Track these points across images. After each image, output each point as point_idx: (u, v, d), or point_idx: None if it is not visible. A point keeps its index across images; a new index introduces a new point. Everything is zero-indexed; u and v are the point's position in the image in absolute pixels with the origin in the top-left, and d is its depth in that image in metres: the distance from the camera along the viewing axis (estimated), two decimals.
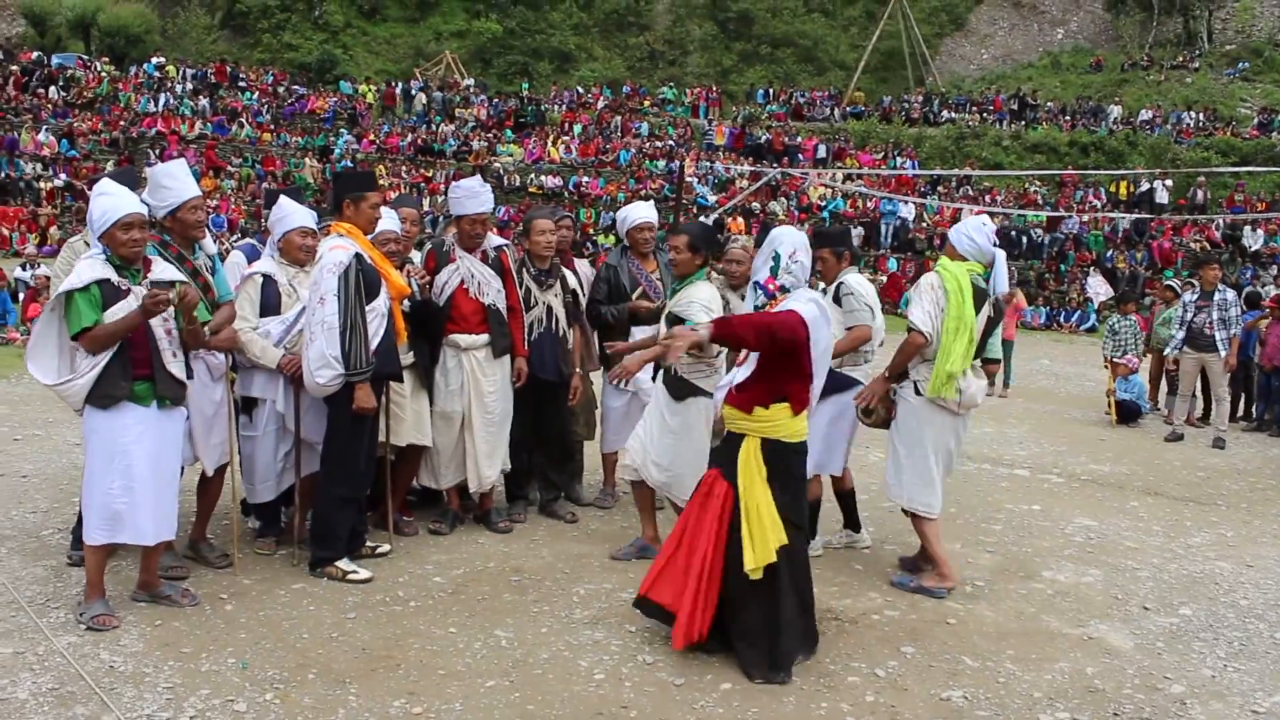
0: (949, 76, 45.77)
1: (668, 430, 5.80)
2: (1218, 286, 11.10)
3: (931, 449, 5.76)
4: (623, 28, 48.67)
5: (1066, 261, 28.26)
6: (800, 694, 4.46)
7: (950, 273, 5.63)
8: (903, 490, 5.80)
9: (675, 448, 5.79)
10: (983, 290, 5.66)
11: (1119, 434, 11.49)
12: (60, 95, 32.54)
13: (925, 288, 5.65)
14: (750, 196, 30.57)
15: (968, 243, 5.77)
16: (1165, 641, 5.25)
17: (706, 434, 5.79)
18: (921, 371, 5.66)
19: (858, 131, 36.92)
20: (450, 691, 4.32)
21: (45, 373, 4.77)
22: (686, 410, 5.78)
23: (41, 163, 28.18)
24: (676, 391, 5.79)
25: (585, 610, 5.29)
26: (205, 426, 5.38)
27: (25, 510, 6.52)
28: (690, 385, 5.76)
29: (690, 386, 5.76)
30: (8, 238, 24.95)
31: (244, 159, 30.85)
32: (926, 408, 5.68)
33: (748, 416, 4.69)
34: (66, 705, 4.05)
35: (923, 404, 5.68)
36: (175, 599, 5.05)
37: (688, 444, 5.79)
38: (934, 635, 5.16)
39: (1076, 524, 7.37)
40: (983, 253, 5.73)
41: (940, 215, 30.93)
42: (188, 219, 5.23)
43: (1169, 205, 29.85)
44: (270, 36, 44.67)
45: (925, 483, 5.73)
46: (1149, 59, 41.20)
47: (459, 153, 33.54)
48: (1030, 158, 33.73)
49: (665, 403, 5.83)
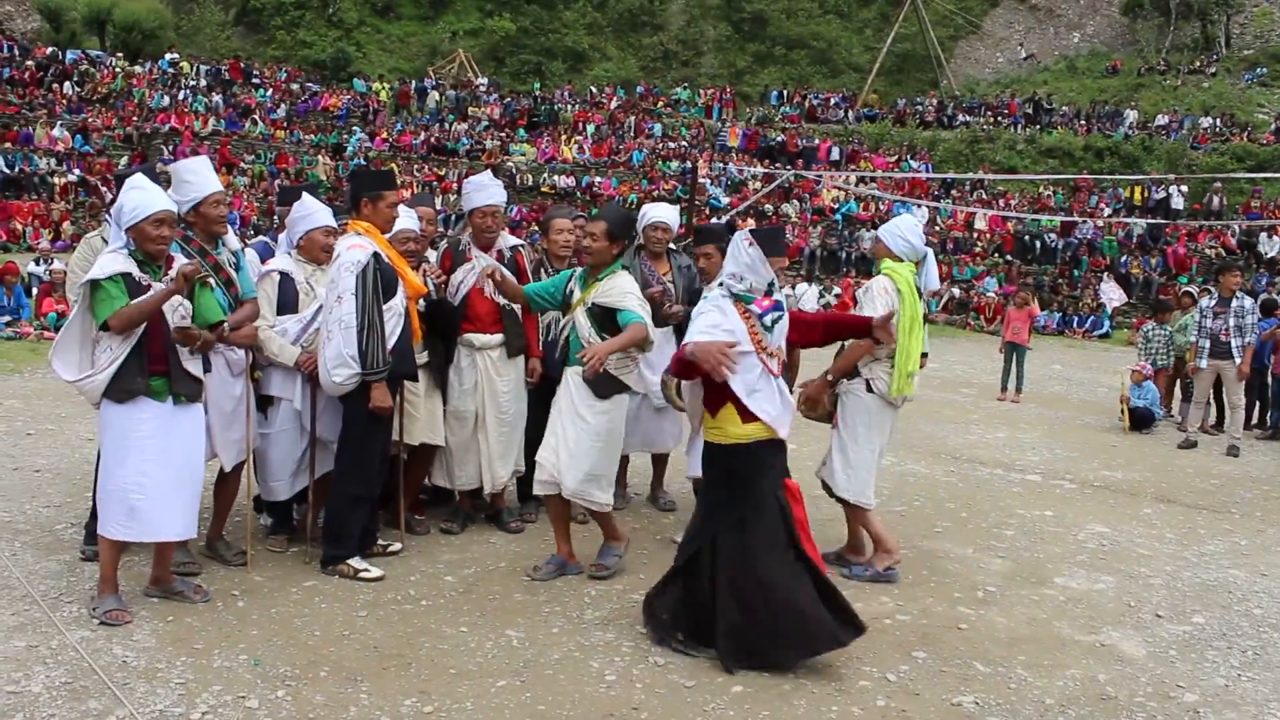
0: (964, 80, 45.65)
1: (589, 431, 5.45)
2: (1236, 293, 11.04)
3: (878, 444, 5.96)
4: (636, 28, 48.63)
5: (1080, 267, 28.16)
6: (811, 698, 4.45)
7: (900, 274, 5.79)
8: (850, 485, 5.89)
9: (597, 449, 5.49)
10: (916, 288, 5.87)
11: (1132, 440, 11.45)
12: (75, 90, 32.67)
13: (879, 291, 5.75)
14: (763, 198, 30.54)
15: (903, 243, 5.91)
16: (1178, 650, 5.22)
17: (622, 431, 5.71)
18: (875, 370, 5.80)
19: (871, 134, 36.86)
20: (461, 691, 4.32)
21: (67, 368, 4.81)
22: (612, 409, 5.54)
23: (55, 158, 28.29)
24: (602, 389, 5.47)
25: (597, 611, 5.29)
26: (224, 422, 5.40)
27: (39, 505, 6.54)
28: (617, 382, 5.53)
29: (617, 383, 5.53)
30: (21, 232, 25.06)
31: (257, 156, 30.90)
32: (876, 404, 5.85)
33: None
34: (80, 699, 4.06)
35: (874, 401, 5.83)
36: (188, 595, 5.07)
37: (610, 444, 5.58)
38: (945, 640, 5.15)
39: (1089, 530, 7.35)
40: (916, 251, 5.89)
41: (954, 219, 30.87)
42: (210, 213, 5.28)
43: (1184, 211, 29.71)
44: (284, 33, 44.76)
45: (870, 476, 5.92)
46: (1166, 63, 41.01)
47: (472, 151, 33.58)
48: (1044, 162, 33.64)
49: (584, 401, 5.48)
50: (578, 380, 5.47)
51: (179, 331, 4.82)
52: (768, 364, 4.79)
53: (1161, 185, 29.91)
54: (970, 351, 20.15)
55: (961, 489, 8.42)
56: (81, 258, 5.59)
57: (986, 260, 28.66)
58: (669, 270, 6.91)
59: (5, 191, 26.54)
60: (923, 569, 6.23)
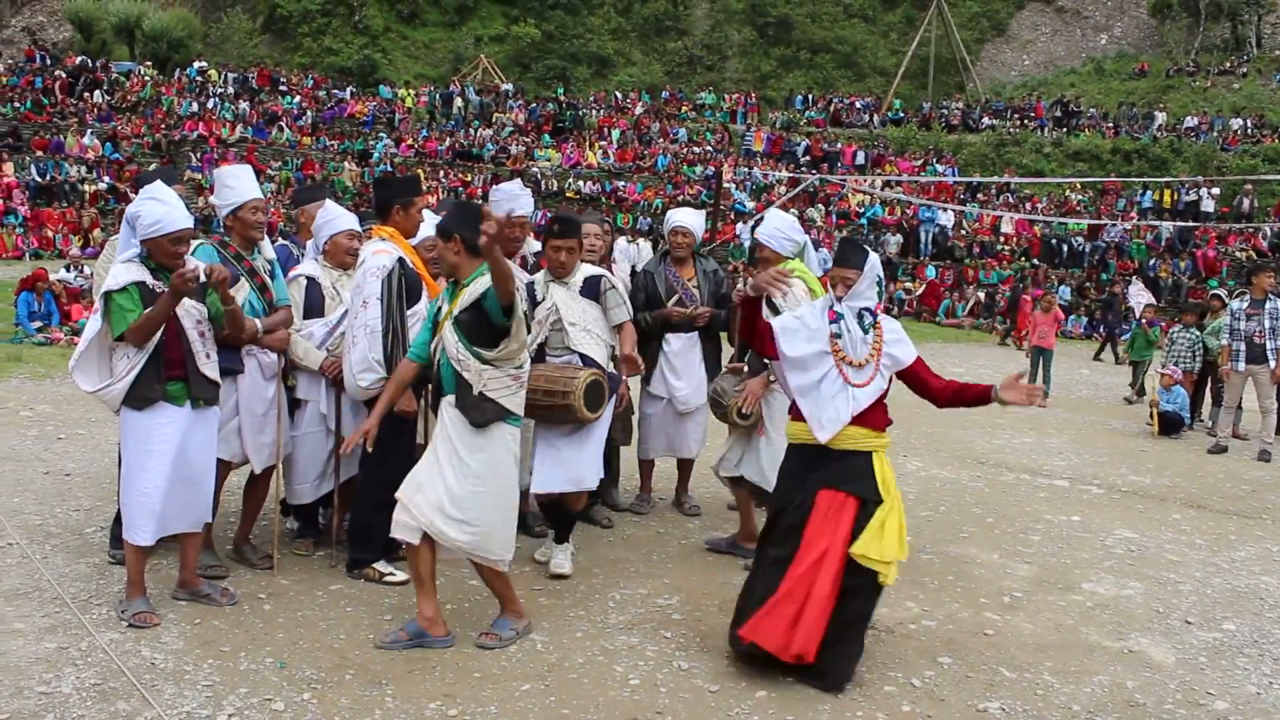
0: (989, 83, 45.44)
1: (468, 473, 4.61)
2: (1269, 295, 10.90)
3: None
4: (661, 32, 48.69)
5: (1108, 270, 27.96)
6: (835, 703, 4.43)
7: (808, 275, 5.96)
8: (769, 476, 5.85)
9: (481, 496, 4.63)
10: None
11: (1161, 445, 11.34)
12: (105, 99, 33.05)
13: (802, 296, 5.77)
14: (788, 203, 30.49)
15: (789, 242, 6.06)
16: (1208, 657, 5.17)
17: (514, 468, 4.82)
18: None
19: (897, 138, 36.75)
20: (486, 694, 4.33)
21: (87, 379, 4.87)
22: (489, 442, 4.65)
23: (86, 165, 28.62)
24: (477, 415, 4.62)
25: (621, 615, 5.29)
26: (255, 425, 5.44)
27: (69, 508, 6.61)
28: (496, 406, 4.64)
29: (495, 408, 4.64)
30: (52, 240, 25.36)
31: (283, 162, 31.17)
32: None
33: (879, 434, 4.72)
34: (109, 700, 4.10)
35: None
36: (214, 598, 5.11)
37: (498, 488, 4.69)
38: (971, 646, 5.12)
39: (1117, 536, 7.28)
40: (799, 245, 6.04)
41: (979, 222, 30.71)
42: (248, 219, 5.36)
43: (1214, 214, 29.43)
44: (311, 41, 45.12)
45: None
46: (1195, 65, 40.71)
47: (497, 157, 33.72)
48: (1072, 165, 33.44)
49: (460, 437, 4.63)
50: (452, 413, 4.66)
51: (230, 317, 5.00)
52: (844, 370, 4.65)
53: (1191, 188, 29.65)
54: (996, 356, 20.04)
55: (988, 494, 8.37)
56: (106, 260, 5.67)
57: (1013, 264, 28.50)
58: (694, 275, 6.91)
59: (37, 199, 26.92)
60: (949, 574, 6.20)
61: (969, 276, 27.80)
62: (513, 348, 4.65)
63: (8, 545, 5.80)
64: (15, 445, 8.13)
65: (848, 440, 4.64)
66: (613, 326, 5.98)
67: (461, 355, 4.61)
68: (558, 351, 5.85)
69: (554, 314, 5.85)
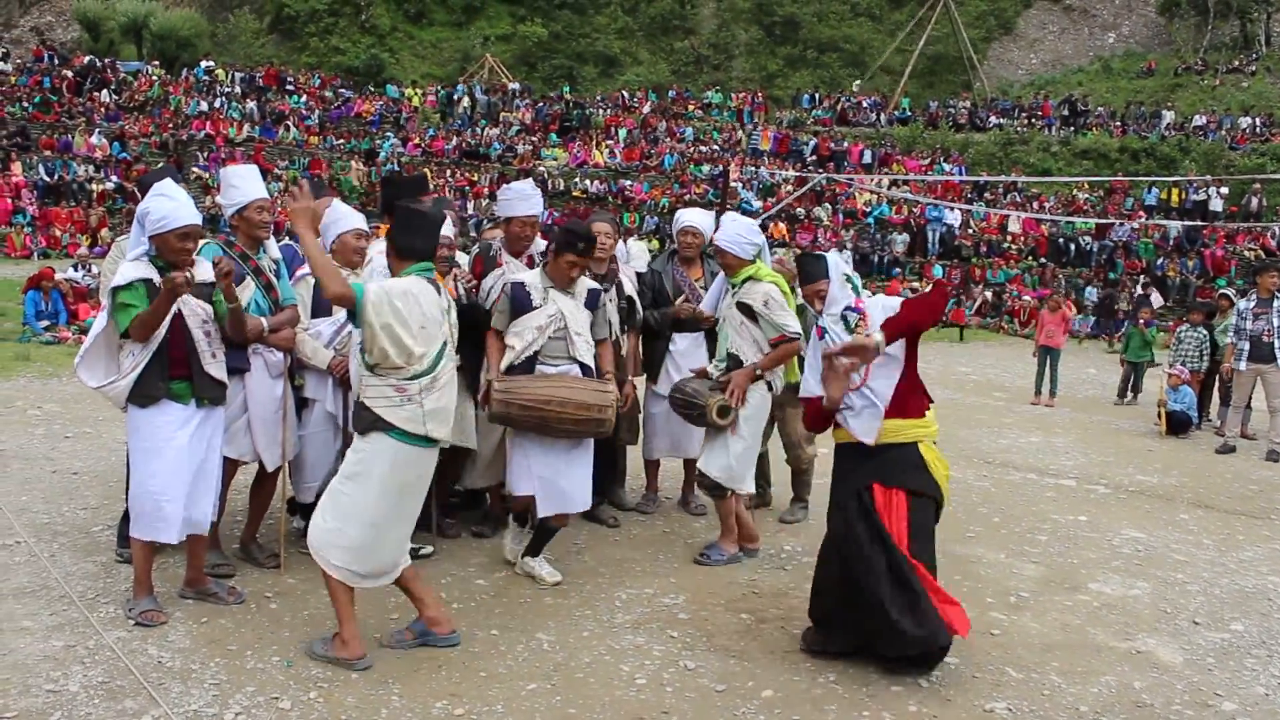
0: (997, 81, 45.34)
1: (343, 469, 4.52)
2: (1275, 294, 10.87)
3: (760, 435, 6.22)
4: (668, 32, 48.66)
5: (1115, 270, 27.89)
6: (842, 702, 4.43)
7: (777, 277, 6.08)
8: (745, 476, 6.05)
9: (339, 495, 4.47)
10: None
11: (1168, 445, 11.31)
12: (112, 99, 33.13)
13: (779, 297, 5.95)
14: (795, 202, 30.47)
15: (750, 246, 6.06)
16: (1216, 657, 5.15)
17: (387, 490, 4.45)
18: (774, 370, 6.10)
19: (904, 137, 36.68)
20: (492, 693, 4.34)
21: (93, 375, 4.89)
22: (368, 447, 4.44)
23: (94, 165, 28.70)
24: (356, 420, 4.51)
25: (627, 615, 5.29)
26: (264, 424, 5.45)
27: (76, 507, 6.63)
28: (372, 415, 4.41)
29: (371, 416, 4.41)
30: (60, 239, 25.43)
31: (291, 162, 31.22)
32: (767, 400, 6.12)
33: (921, 422, 4.79)
34: (116, 699, 4.11)
35: (768, 397, 6.12)
36: (221, 596, 5.12)
37: (352, 493, 4.44)
38: (977, 646, 5.11)
39: (1124, 536, 7.27)
40: (757, 248, 6.09)
41: (987, 221, 30.65)
42: (254, 218, 5.37)
43: (1222, 213, 29.34)
44: (318, 40, 45.17)
45: (752, 465, 6.19)
46: (1203, 63, 40.55)
47: (504, 156, 33.75)
48: (1079, 164, 33.35)
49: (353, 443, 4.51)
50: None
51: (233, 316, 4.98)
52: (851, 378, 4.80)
53: (1200, 187, 29.56)
54: (1003, 355, 20.01)
55: (994, 493, 8.35)
56: (113, 260, 5.68)
57: (1020, 263, 28.45)
58: (701, 275, 6.90)
59: (45, 198, 27.00)
60: (955, 574, 6.18)
61: (976, 276, 27.75)
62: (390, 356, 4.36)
63: (15, 544, 5.82)
64: (23, 444, 8.15)
65: (888, 434, 4.71)
66: (596, 340, 5.81)
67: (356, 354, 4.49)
68: (557, 361, 5.62)
69: (559, 322, 5.63)
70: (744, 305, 5.98)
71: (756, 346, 5.99)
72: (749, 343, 6.02)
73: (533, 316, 5.60)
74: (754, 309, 5.92)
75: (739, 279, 6.05)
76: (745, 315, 6.00)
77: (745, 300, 5.98)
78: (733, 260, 6.06)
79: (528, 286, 5.68)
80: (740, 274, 6.04)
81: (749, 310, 5.96)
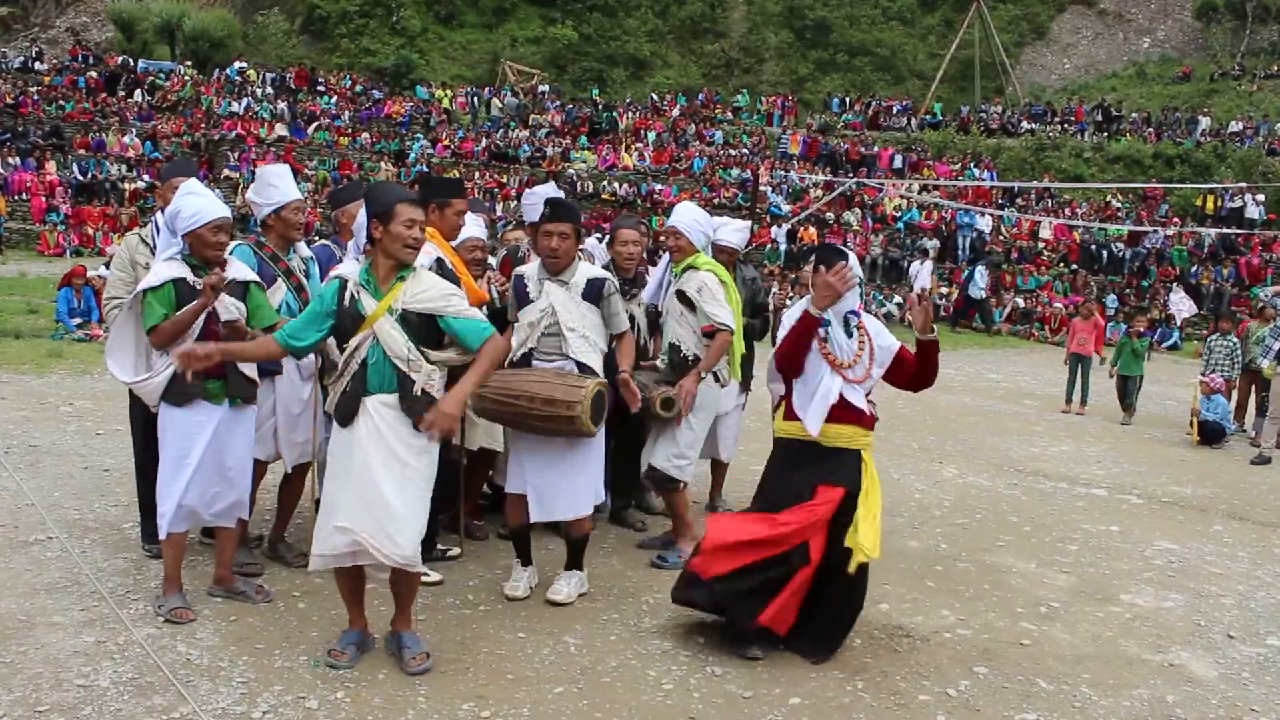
0: (1029, 86, 45.04)
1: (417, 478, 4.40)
2: None
3: (706, 426, 6.29)
4: (698, 35, 48.67)
5: (1148, 277, 27.61)
6: (870, 711, 4.39)
7: (720, 268, 6.15)
8: (689, 467, 6.17)
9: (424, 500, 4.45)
10: None
11: (1202, 455, 11.18)
12: (145, 99, 33.46)
13: (714, 287, 5.99)
14: (824, 206, 30.36)
15: (703, 235, 6.18)
16: (1251, 672, 5.08)
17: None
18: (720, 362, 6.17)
19: (934, 142, 36.50)
20: (518, 696, 4.33)
21: (123, 370, 4.94)
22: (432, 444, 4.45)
23: (126, 164, 29.00)
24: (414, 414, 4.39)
25: (654, 619, 5.27)
26: (290, 424, 5.47)
27: (107, 503, 6.68)
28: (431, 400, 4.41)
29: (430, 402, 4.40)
30: (93, 237, 25.70)
31: (321, 162, 31.41)
32: (715, 391, 6.20)
33: (866, 433, 4.95)
34: (145, 695, 4.13)
35: (716, 390, 6.20)
36: (250, 595, 5.14)
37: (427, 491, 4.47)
38: (1007, 656, 5.06)
39: (1157, 547, 7.18)
40: (708, 239, 6.25)
41: (1018, 228, 30.43)
42: (291, 219, 5.43)
43: (1260, 220, 28.97)
44: (348, 41, 45.50)
45: (695, 456, 6.25)
46: (1240, 68, 40.12)
47: (533, 159, 33.83)
48: (1112, 170, 33.06)
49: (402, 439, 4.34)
50: (395, 414, 4.35)
51: (228, 325, 4.89)
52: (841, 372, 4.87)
53: (1236, 194, 29.21)
54: (1034, 362, 19.85)
55: (1025, 502, 8.27)
56: (119, 261, 5.70)
57: (1051, 270, 28.21)
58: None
59: (78, 197, 27.29)
60: (985, 583, 6.13)
61: (1007, 282, 27.53)
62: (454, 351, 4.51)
63: (48, 539, 5.87)
64: (55, 440, 8.22)
65: (839, 439, 4.86)
66: (613, 335, 5.47)
67: (412, 356, 4.35)
68: (551, 358, 5.29)
69: (550, 317, 5.28)
70: (682, 294, 6.06)
71: (696, 336, 6.05)
72: (689, 332, 6.08)
73: (528, 311, 5.37)
74: (689, 296, 6.01)
75: (680, 268, 6.15)
76: (684, 305, 6.07)
77: (683, 288, 6.07)
78: (686, 245, 6.13)
79: (525, 278, 5.45)
80: (683, 262, 6.14)
81: (687, 299, 6.03)
